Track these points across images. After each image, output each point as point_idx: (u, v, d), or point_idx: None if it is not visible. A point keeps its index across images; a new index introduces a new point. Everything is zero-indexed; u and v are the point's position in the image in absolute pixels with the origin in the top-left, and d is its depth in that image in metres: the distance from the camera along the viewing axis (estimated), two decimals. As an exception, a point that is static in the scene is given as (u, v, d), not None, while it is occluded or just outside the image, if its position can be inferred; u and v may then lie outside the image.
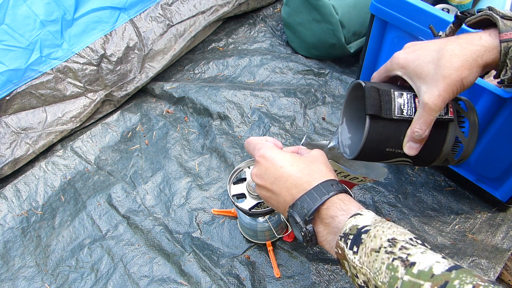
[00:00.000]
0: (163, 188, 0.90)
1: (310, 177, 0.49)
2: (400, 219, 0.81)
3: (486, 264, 0.72)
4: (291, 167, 0.50)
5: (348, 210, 0.46)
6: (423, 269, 0.35)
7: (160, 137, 1.01)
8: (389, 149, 0.52)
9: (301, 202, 0.47)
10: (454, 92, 0.47)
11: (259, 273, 0.76)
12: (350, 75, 1.10)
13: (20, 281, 0.78)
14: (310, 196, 0.47)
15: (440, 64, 0.46)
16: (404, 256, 0.37)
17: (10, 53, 0.87)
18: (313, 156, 0.53)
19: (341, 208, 0.46)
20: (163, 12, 1.07)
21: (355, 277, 0.42)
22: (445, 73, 0.46)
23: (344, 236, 0.43)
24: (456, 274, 0.34)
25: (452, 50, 0.47)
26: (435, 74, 0.46)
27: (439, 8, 0.91)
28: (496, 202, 0.79)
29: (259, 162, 0.53)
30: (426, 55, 0.48)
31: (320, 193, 0.47)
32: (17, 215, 0.88)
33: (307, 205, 0.46)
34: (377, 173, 0.65)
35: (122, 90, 1.04)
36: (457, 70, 0.46)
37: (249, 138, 0.57)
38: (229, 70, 1.14)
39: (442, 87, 0.46)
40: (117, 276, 0.77)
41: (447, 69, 0.46)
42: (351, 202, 0.47)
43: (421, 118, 0.48)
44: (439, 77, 0.46)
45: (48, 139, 0.96)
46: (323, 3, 1.00)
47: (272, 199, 0.52)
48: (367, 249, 0.40)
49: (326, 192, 0.47)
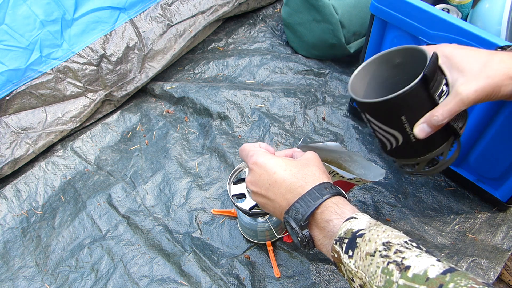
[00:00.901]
0: (163, 188, 0.90)
1: (304, 181, 0.49)
2: (400, 219, 0.81)
3: (486, 264, 0.72)
4: (284, 172, 0.50)
5: (343, 213, 0.46)
6: (418, 273, 0.35)
7: (160, 137, 1.01)
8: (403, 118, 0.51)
9: (295, 208, 0.47)
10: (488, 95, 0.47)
11: (259, 273, 0.76)
12: (350, 75, 1.09)
13: (20, 281, 0.78)
14: (304, 201, 0.47)
15: (487, 65, 0.47)
16: (399, 260, 0.38)
17: (10, 53, 0.87)
18: (306, 159, 0.52)
19: (336, 211, 0.46)
20: (163, 12, 1.07)
21: (351, 281, 0.42)
22: (489, 73, 0.46)
23: (339, 240, 0.43)
24: (450, 277, 0.34)
25: (502, 57, 0.47)
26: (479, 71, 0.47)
27: (439, 8, 0.91)
28: (496, 202, 0.79)
29: (252, 169, 0.53)
30: (475, 55, 0.48)
31: (314, 197, 0.47)
32: (17, 215, 0.88)
33: (301, 210, 0.46)
34: (375, 174, 0.65)
35: (122, 90, 1.04)
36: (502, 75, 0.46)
37: (243, 145, 0.57)
38: (229, 70, 1.14)
39: (482, 84, 0.46)
40: (117, 276, 0.77)
41: (493, 71, 0.46)
42: (345, 205, 0.47)
43: (448, 105, 0.48)
44: (482, 75, 0.46)
45: (48, 139, 0.96)
46: (323, 3, 1.00)
47: (268, 205, 0.52)
48: (362, 253, 0.40)
49: (320, 196, 0.47)
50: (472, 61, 0.48)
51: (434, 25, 0.66)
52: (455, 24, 0.63)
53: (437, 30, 0.66)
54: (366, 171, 0.66)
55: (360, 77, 0.58)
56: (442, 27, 0.65)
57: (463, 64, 0.48)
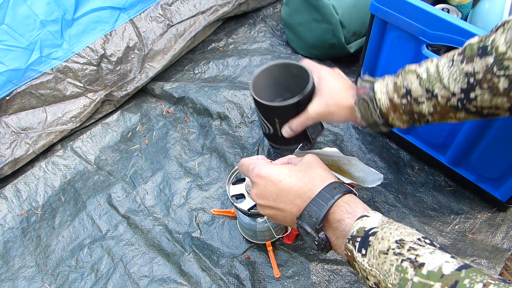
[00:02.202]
0: (163, 188, 0.90)
1: (312, 184, 0.48)
2: (400, 219, 0.81)
3: (486, 264, 0.72)
4: (290, 178, 0.50)
5: (354, 212, 0.45)
6: (432, 270, 0.35)
7: (160, 137, 1.01)
8: (276, 119, 0.72)
9: (308, 212, 0.47)
10: (325, 117, 0.64)
11: (259, 273, 0.76)
12: (350, 75, 1.10)
13: (20, 281, 0.78)
14: (315, 204, 0.46)
15: (331, 95, 0.62)
16: (412, 257, 0.37)
17: (10, 53, 0.87)
18: (308, 162, 0.52)
19: (347, 211, 0.46)
20: (163, 12, 1.07)
21: (366, 279, 0.42)
22: (328, 102, 0.62)
23: (351, 238, 0.43)
24: (466, 273, 0.34)
25: (342, 90, 0.62)
26: (324, 98, 0.63)
27: (439, 8, 0.91)
28: (496, 202, 0.79)
29: (256, 182, 0.52)
30: (332, 85, 0.63)
31: (325, 198, 0.46)
32: (17, 215, 0.88)
33: (314, 213, 0.46)
34: (373, 179, 0.66)
35: (122, 90, 1.04)
36: (334, 105, 0.62)
37: (241, 160, 0.57)
38: (229, 70, 1.14)
39: (321, 109, 0.63)
40: (117, 276, 0.77)
41: (331, 100, 0.62)
42: (356, 203, 0.47)
43: (300, 118, 0.66)
44: (324, 102, 0.63)
45: (48, 139, 0.96)
46: (323, 3, 1.00)
47: (278, 215, 0.51)
48: (375, 251, 0.40)
49: (331, 196, 0.46)
50: (326, 89, 0.63)
51: (434, 25, 0.66)
52: (455, 24, 0.63)
53: (437, 30, 0.66)
54: (365, 174, 0.67)
55: (264, 75, 0.75)
56: (442, 27, 0.65)
57: (321, 89, 0.63)
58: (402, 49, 0.75)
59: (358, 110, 0.59)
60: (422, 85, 0.51)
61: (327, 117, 0.63)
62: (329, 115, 0.63)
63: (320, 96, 0.63)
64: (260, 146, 0.94)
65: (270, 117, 0.73)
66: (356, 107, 0.59)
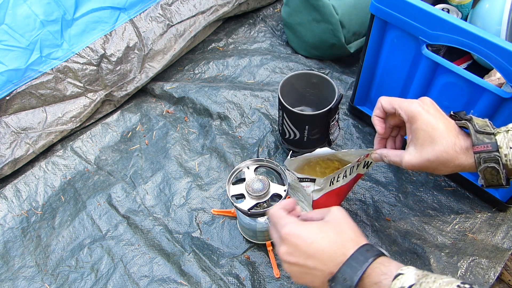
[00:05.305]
0: (163, 188, 0.90)
1: (344, 248, 0.48)
2: (400, 218, 0.81)
3: (486, 263, 0.72)
4: (322, 239, 0.49)
5: (390, 272, 0.45)
6: None
7: (160, 137, 1.01)
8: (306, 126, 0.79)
9: (342, 275, 0.46)
10: (423, 170, 0.56)
11: (259, 273, 0.76)
12: (350, 75, 1.10)
13: (20, 281, 0.78)
14: (349, 267, 0.46)
15: (433, 148, 0.54)
16: None
17: (10, 53, 0.87)
18: (337, 220, 0.51)
19: (383, 272, 0.45)
20: (163, 12, 1.07)
21: None
22: (430, 158, 0.54)
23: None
24: None
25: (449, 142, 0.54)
26: (425, 152, 0.55)
27: (439, 8, 0.91)
28: (496, 202, 0.79)
29: (286, 239, 0.51)
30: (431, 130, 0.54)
31: (359, 261, 0.46)
32: (17, 215, 0.88)
33: (349, 276, 0.45)
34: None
35: (122, 90, 1.04)
36: (438, 163, 0.54)
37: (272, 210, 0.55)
38: (229, 70, 1.14)
39: (421, 164, 0.55)
40: (117, 276, 0.77)
41: (434, 157, 0.54)
42: (390, 263, 0.46)
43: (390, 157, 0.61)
44: (424, 156, 0.55)
45: (48, 139, 0.96)
46: (323, 3, 1.00)
47: (306, 274, 0.50)
48: None
49: (365, 259, 0.46)
50: (425, 137, 0.54)
51: (434, 25, 0.66)
52: (455, 24, 0.63)
53: (437, 30, 0.66)
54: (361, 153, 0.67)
55: (287, 84, 0.82)
56: (442, 27, 0.65)
57: (418, 135, 0.55)
58: (402, 49, 0.75)
59: (483, 177, 0.53)
60: None
61: (426, 171, 0.58)
62: (429, 170, 0.57)
63: (417, 146, 0.55)
64: (261, 146, 0.94)
65: (301, 125, 0.80)
66: (480, 173, 0.53)
